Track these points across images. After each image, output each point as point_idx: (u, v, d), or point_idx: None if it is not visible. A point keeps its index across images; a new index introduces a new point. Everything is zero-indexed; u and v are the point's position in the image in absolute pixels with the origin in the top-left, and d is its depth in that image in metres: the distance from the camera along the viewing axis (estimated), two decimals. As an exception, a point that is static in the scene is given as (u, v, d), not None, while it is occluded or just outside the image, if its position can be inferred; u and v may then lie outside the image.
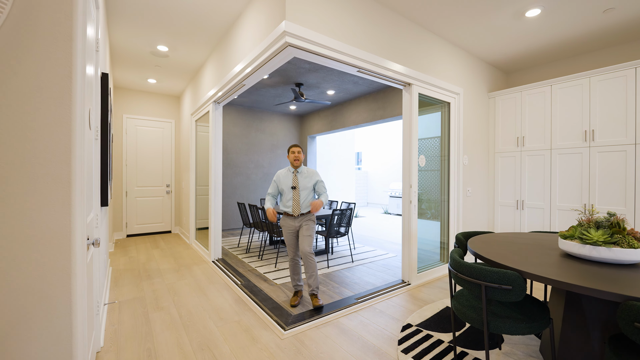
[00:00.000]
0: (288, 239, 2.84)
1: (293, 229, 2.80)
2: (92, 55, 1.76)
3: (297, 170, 2.88)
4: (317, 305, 2.65)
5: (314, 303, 2.68)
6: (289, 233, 2.82)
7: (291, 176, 2.86)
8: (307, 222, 2.79)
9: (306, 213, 2.81)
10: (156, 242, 5.37)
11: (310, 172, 2.90)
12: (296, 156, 2.84)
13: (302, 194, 2.80)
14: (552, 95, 3.72)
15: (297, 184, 2.82)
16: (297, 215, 2.78)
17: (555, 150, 3.69)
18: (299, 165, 2.86)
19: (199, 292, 3.07)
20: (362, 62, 2.70)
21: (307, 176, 2.87)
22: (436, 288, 3.20)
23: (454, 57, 3.74)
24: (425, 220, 3.67)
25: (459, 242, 2.35)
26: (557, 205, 3.67)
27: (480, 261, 3.30)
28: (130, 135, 5.77)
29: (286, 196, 2.84)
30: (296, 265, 2.87)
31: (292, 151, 2.86)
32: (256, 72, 2.84)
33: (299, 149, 2.88)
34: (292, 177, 2.85)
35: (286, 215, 2.84)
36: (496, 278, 1.52)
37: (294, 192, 2.80)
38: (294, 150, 2.86)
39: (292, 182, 2.82)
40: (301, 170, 2.89)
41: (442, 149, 3.76)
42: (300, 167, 2.89)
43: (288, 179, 2.85)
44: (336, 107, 6.73)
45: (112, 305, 2.74)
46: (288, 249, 2.87)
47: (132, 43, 3.83)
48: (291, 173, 2.87)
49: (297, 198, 2.80)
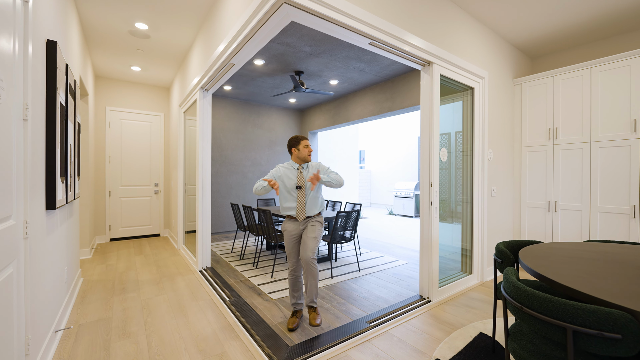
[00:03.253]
0: (289, 246, 2.37)
1: (296, 233, 2.35)
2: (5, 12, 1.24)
3: (303, 166, 2.41)
4: (314, 324, 2.27)
5: (311, 320, 2.30)
6: (290, 239, 2.36)
7: (296, 173, 2.38)
8: (313, 223, 2.35)
9: (313, 216, 2.37)
10: (141, 247, 4.86)
11: (314, 165, 2.45)
12: (310, 150, 2.41)
13: (309, 194, 2.36)
14: (592, 80, 3.21)
15: (303, 183, 2.35)
16: (303, 219, 2.35)
17: (596, 143, 3.18)
18: (310, 160, 2.44)
19: (178, 311, 2.56)
20: (376, 31, 2.19)
21: (313, 171, 2.40)
22: (462, 306, 2.69)
23: (478, 35, 3.23)
24: (443, 223, 3.16)
25: (503, 256, 1.84)
26: (598, 207, 3.16)
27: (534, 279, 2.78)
28: (114, 129, 5.26)
29: (288, 197, 2.37)
30: (297, 280, 2.37)
31: (304, 144, 2.39)
32: (246, 44, 2.33)
33: (309, 142, 2.47)
34: (298, 174, 2.37)
35: (288, 218, 2.39)
36: (593, 320, 1.01)
37: (299, 193, 2.34)
38: (306, 143, 2.40)
39: (298, 180, 2.35)
40: (306, 166, 2.44)
41: (465, 142, 3.25)
42: (306, 163, 2.44)
43: (292, 177, 2.37)
44: (339, 99, 6.22)
45: (68, 331, 2.23)
46: (288, 259, 2.38)
47: (107, 21, 3.32)
48: (295, 170, 2.40)
49: (303, 200, 2.34)
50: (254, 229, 4.14)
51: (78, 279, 3.14)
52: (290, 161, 2.47)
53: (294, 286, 2.37)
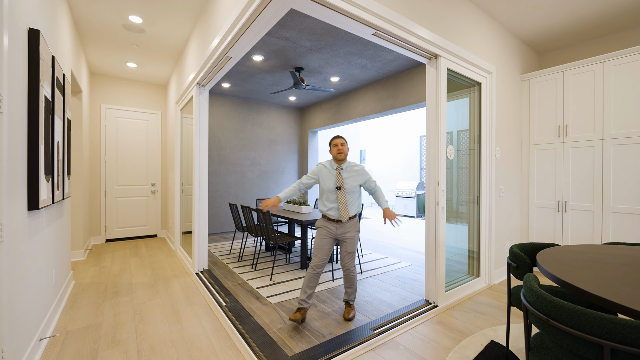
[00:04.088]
0: (321, 243, 2.34)
1: (332, 234, 2.36)
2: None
3: (342, 166, 2.38)
4: (347, 317, 2.37)
5: (345, 314, 2.40)
6: (325, 237, 2.34)
7: (334, 174, 2.37)
8: (352, 234, 2.36)
9: (351, 219, 2.37)
10: (137, 248, 4.74)
11: (356, 169, 2.40)
12: (340, 149, 2.34)
13: (349, 196, 2.34)
14: (605, 74, 3.08)
15: (342, 184, 2.32)
16: (344, 221, 2.33)
17: (608, 141, 3.05)
18: (343, 159, 2.37)
19: (171, 317, 2.44)
20: (380, 20, 2.06)
21: (354, 175, 2.37)
22: (470, 311, 2.56)
23: (485, 28, 3.10)
24: (447, 223, 3.03)
25: (518, 260, 1.71)
26: (610, 207, 3.03)
27: (553, 283, 2.66)
28: (110, 127, 5.14)
29: (329, 197, 2.35)
30: (315, 278, 2.30)
31: (334, 144, 2.38)
32: (244, 34, 2.21)
33: (342, 140, 2.38)
34: (336, 175, 2.36)
35: (326, 219, 2.37)
36: (636, 337, 0.88)
37: (339, 194, 2.31)
38: (336, 142, 2.36)
39: (337, 181, 2.33)
40: (346, 166, 2.39)
41: (471, 140, 3.12)
42: (345, 163, 2.40)
43: (331, 178, 2.37)
44: (340, 97, 6.09)
45: (54, 339, 2.11)
46: (315, 255, 2.31)
47: (100, 13, 3.20)
48: (334, 170, 2.39)
49: (344, 201, 2.31)
50: (253, 229, 4.02)
51: (69, 282, 3.02)
52: (331, 160, 2.46)
53: (310, 282, 2.29)
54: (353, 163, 2.42)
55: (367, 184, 2.42)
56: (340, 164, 2.39)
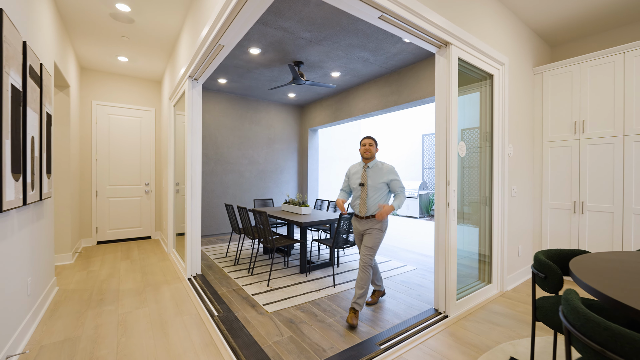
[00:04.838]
0: (357, 241, 2.60)
1: (358, 230, 2.53)
2: None
3: (368, 165, 2.51)
4: (350, 322, 2.24)
5: (348, 319, 2.27)
6: (357, 235, 2.57)
7: (361, 172, 2.53)
8: (371, 230, 2.42)
9: (373, 216, 2.43)
10: (129, 251, 4.53)
11: (383, 167, 2.48)
12: (366, 148, 2.49)
13: (371, 193, 2.43)
14: (626, 66, 2.87)
15: (366, 181, 2.45)
16: (364, 217, 2.45)
17: (630, 137, 2.84)
18: (369, 157, 2.49)
19: (158, 329, 2.23)
20: (388, 0, 1.86)
21: (378, 172, 2.46)
22: (483, 322, 2.35)
23: (497, 16, 2.89)
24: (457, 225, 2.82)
25: (546, 269, 1.50)
26: (632, 209, 2.82)
27: (588, 294, 2.44)
28: (101, 125, 4.93)
29: (354, 194, 2.55)
30: (373, 268, 2.60)
31: (362, 143, 2.53)
32: (235, 19, 2.00)
33: (371, 141, 2.51)
34: (362, 172, 2.52)
35: (354, 215, 2.57)
36: None
37: (362, 190, 2.47)
38: (364, 142, 2.51)
39: (361, 178, 2.49)
40: (372, 165, 2.51)
41: (482, 138, 2.91)
42: (372, 162, 2.51)
43: (357, 175, 2.54)
44: (341, 93, 5.88)
45: (24, 356, 1.90)
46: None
47: (85, 1, 2.99)
48: (361, 168, 2.55)
49: (365, 197, 2.45)
50: (250, 231, 3.81)
51: (51, 289, 2.81)
52: (361, 159, 2.65)
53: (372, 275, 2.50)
54: (381, 162, 2.50)
55: (392, 185, 2.45)
56: (367, 162, 2.51)
